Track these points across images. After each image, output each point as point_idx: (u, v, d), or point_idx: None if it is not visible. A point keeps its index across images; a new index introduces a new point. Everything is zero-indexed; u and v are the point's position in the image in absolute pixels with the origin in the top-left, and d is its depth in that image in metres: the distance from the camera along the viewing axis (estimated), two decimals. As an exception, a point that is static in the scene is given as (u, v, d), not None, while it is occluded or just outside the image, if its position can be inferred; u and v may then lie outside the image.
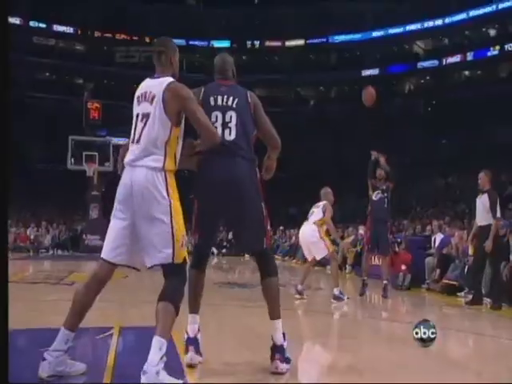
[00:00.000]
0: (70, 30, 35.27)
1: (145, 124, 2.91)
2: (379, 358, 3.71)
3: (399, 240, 10.18)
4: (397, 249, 9.72)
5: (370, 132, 26.86)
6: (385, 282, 7.56)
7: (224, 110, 3.21)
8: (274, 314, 3.23)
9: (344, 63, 36.15)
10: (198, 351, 3.16)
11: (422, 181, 25.74)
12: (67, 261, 10.86)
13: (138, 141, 2.91)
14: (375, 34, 35.14)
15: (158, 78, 3.02)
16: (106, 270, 2.98)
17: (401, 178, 27.71)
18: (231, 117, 3.20)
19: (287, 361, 3.13)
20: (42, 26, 34.42)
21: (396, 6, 32.88)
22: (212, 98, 3.25)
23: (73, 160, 19.28)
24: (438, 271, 8.72)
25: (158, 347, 2.65)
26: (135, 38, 36.08)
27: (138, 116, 2.97)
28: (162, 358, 2.65)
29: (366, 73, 35.79)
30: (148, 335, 3.95)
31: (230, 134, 3.17)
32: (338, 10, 34.32)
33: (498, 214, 6.68)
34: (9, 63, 2.01)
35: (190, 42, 36.94)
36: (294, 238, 17.91)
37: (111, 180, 12.20)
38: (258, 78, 36.23)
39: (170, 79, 2.98)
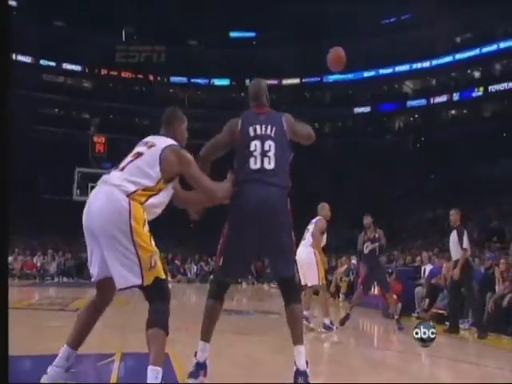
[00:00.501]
0: (77, 68, 35.79)
1: (135, 159, 2.94)
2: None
3: (390, 270, 10.16)
4: (388, 279, 9.69)
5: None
6: (396, 316, 7.46)
7: (263, 139, 3.22)
8: (298, 340, 3.16)
9: (337, 101, 36.66)
10: (205, 376, 3.16)
11: (412, 213, 25.80)
12: (72, 288, 10.77)
13: (122, 168, 2.93)
14: (366, 74, 35.76)
15: (163, 136, 3.09)
16: (101, 290, 3.00)
17: (392, 211, 27.89)
18: (270, 146, 3.20)
19: None
20: (52, 64, 34.93)
21: (386, 49, 33.54)
22: (251, 128, 3.27)
23: (78, 191, 19.37)
24: (427, 300, 8.70)
25: (153, 377, 2.63)
26: (140, 76, 36.61)
27: (132, 152, 3.03)
28: None
29: (358, 110, 36.27)
30: (145, 360, 3.93)
31: (269, 163, 3.17)
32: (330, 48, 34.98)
33: (465, 245, 6.96)
34: (9, 65, 1.98)
35: (192, 80, 37.52)
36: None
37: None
38: (255, 114, 36.70)
39: (175, 142, 3.04)
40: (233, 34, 37.72)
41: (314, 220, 7.30)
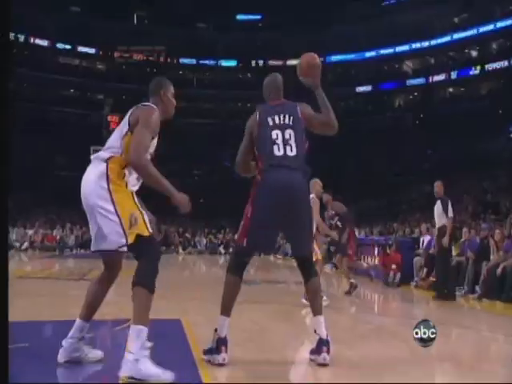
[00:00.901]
0: (92, 50, 35.53)
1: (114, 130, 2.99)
2: (373, 351, 3.69)
3: (390, 242, 10.16)
4: (388, 250, 9.70)
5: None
6: (351, 280, 7.45)
7: (283, 128, 3.24)
8: (317, 311, 3.22)
9: (339, 81, 36.22)
10: (227, 352, 3.08)
11: (412, 187, 25.69)
12: (89, 259, 10.88)
13: (105, 143, 2.98)
14: (368, 54, 35.22)
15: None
16: (107, 262, 3.00)
17: (393, 185, 27.79)
18: (290, 134, 3.22)
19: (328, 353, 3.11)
20: (68, 47, 34.69)
21: (387, 29, 32.94)
22: (270, 119, 3.27)
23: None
24: (425, 270, 8.71)
25: (134, 335, 2.54)
26: (151, 58, 36.30)
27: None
28: (143, 345, 2.53)
29: (360, 89, 35.85)
30: (161, 326, 3.95)
31: (291, 150, 3.19)
32: (334, 32, 34.39)
33: (451, 214, 7.19)
34: (8, 65, 1.95)
35: (200, 61, 37.14)
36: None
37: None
38: (261, 93, 36.34)
39: (148, 104, 2.98)
40: (239, 17, 37.17)
41: None
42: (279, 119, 3.27)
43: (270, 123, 3.27)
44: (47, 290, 6.85)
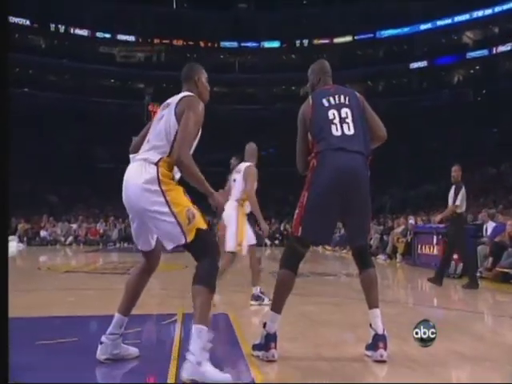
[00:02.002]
0: (131, 38, 36.24)
1: (156, 125, 2.95)
2: (434, 347, 3.61)
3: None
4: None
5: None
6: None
7: (339, 107, 3.18)
8: (374, 303, 3.17)
9: (391, 57, 35.30)
10: (276, 348, 3.07)
11: (474, 170, 24.81)
12: (132, 253, 11.22)
13: (148, 140, 2.96)
14: (423, 26, 34.08)
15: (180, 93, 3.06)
16: (147, 257, 3.07)
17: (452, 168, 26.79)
18: (347, 113, 3.16)
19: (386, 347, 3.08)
20: (107, 36, 35.56)
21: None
22: (325, 100, 3.22)
23: (135, 159, 19.90)
24: (490, 259, 8.41)
25: (196, 336, 2.58)
26: (191, 43, 36.62)
27: (154, 121, 3.02)
28: (204, 346, 2.56)
29: (414, 65, 34.82)
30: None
31: (349, 129, 3.12)
32: (385, 4, 33.47)
33: (458, 202, 7.24)
34: (7, 62, 1.95)
35: (242, 44, 37.13)
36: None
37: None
38: (307, 75, 35.96)
39: (188, 93, 3.01)
40: (281, -6, 36.83)
41: (241, 168, 5.66)
42: (334, 99, 3.21)
43: (326, 104, 3.20)
44: (93, 284, 7.11)
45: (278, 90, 37.47)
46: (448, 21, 33.25)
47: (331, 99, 3.21)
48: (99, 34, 35.26)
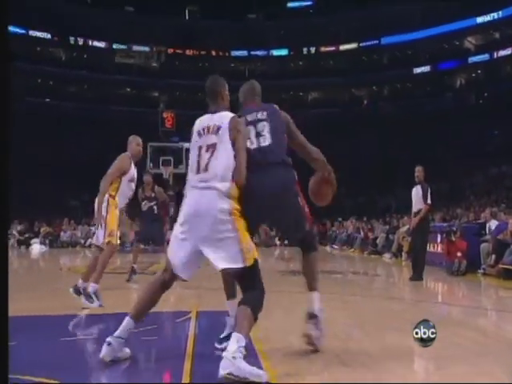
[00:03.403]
0: (146, 48, 36.47)
1: (212, 153, 2.93)
2: (438, 339, 3.59)
3: (454, 228, 9.78)
4: (452, 237, 9.34)
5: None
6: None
7: (256, 122, 3.24)
8: (312, 286, 3.23)
9: (396, 63, 35.16)
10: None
11: (476, 171, 24.60)
12: (148, 254, 11.26)
13: (205, 169, 2.93)
14: (425, 33, 33.89)
15: (217, 112, 3.06)
16: (172, 276, 3.02)
17: (455, 170, 26.71)
18: (264, 126, 3.22)
19: (320, 330, 3.13)
20: (123, 47, 35.83)
21: (445, 5, 31.54)
22: (248, 116, 3.27)
23: (151, 164, 19.95)
24: (493, 256, 8.33)
25: (235, 340, 2.58)
26: (203, 52, 36.77)
27: (201, 148, 2.98)
28: (239, 349, 2.56)
29: (418, 70, 34.65)
30: (223, 318, 4.02)
31: (264, 141, 3.18)
32: (388, 12, 33.35)
33: (429, 201, 7.39)
34: (8, 58, 1.92)
35: (252, 53, 37.22)
36: (350, 228, 17.68)
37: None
38: (314, 81, 35.95)
39: (231, 114, 3.04)
40: (290, 4, 36.86)
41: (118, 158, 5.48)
42: (252, 116, 3.26)
43: (248, 119, 3.25)
44: (111, 284, 7.14)
45: (286, 95, 37.50)
46: (450, 27, 33.03)
47: (249, 117, 3.25)
48: (116, 46, 35.55)
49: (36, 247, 17.09)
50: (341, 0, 33.49)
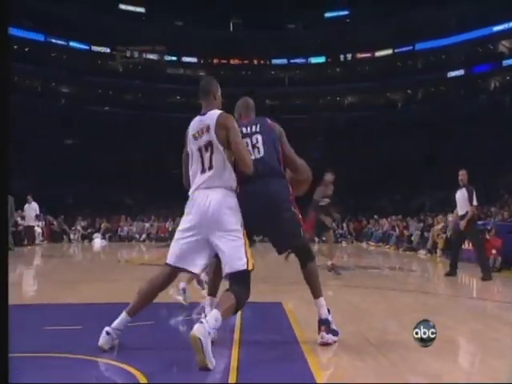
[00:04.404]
0: (194, 59, 37.06)
1: (211, 151, 2.91)
2: (474, 333, 3.47)
3: (489, 227, 9.42)
4: (487, 236, 9.00)
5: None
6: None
7: (250, 135, 3.22)
8: (317, 294, 3.16)
9: (430, 67, 34.17)
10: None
11: (510, 171, 23.56)
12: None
13: (210, 168, 2.90)
14: (459, 38, 32.74)
15: (207, 113, 3.02)
16: (172, 275, 2.98)
17: (489, 170, 25.69)
18: (257, 139, 3.20)
19: (334, 333, 3.07)
20: (174, 58, 36.51)
21: (479, 10, 30.36)
22: (243, 129, 3.25)
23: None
24: (528, 254, 7.98)
25: (214, 318, 2.55)
26: (245, 61, 36.97)
27: (200, 149, 2.94)
28: (215, 327, 2.54)
29: (452, 74, 33.55)
30: (265, 309, 4.04)
31: (259, 152, 3.17)
32: (423, 18, 32.42)
33: (475, 202, 7.26)
34: (8, 65, 1.86)
35: (291, 61, 37.14)
36: (386, 226, 17.34)
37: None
38: (350, 86, 35.45)
39: (219, 111, 3.00)
40: (328, 15, 36.54)
41: None
42: (247, 129, 3.23)
43: (243, 131, 3.22)
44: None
45: (323, 100, 37.19)
46: (484, 31, 31.78)
47: (244, 129, 3.22)
48: (167, 58, 36.32)
49: (97, 241, 17.67)
50: (376, 9, 32.91)
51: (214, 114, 2.98)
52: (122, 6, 35.11)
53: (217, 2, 32.69)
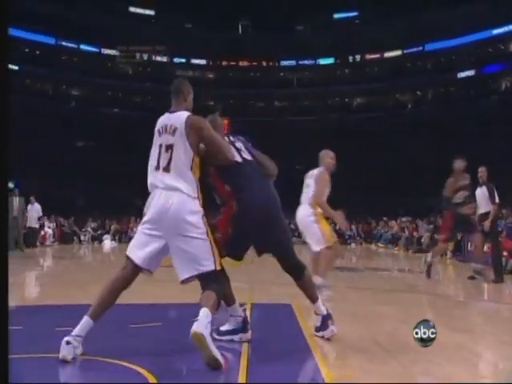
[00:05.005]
0: (203, 62, 37.18)
1: (171, 154, 2.83)
2: (485, 335, 3.44)
3: (500, 229, 9.32)
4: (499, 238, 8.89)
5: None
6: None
7: (231, 143, 3.15)
8: (314, 298, 3.21)
9: (439, 68, 33.94)
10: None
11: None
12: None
13: (166, 169, 2.83)
14: (469, 38, 32.49)
15: (175, 112, 2.96)
16: (135, 271, 2.90)
17: (499, 170, 25.49)
18: (240, 145, 3.17)
19: (324, 327, 3.16)
20: (183, 60, 36.66)
21: (489, 10, 30.11)
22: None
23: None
24: (541, 256, 7.88)
25: (205, 315, 2.59)
26: (254, 63, 37.02)
27: (161, 146, 2.88)
28: (208, 323, 2.57)
29: (462, 75, 33.29)
30: (274, 310, 4.04)
31: (247, 156, 3.15)
32: (433, 19, 32.23)
33: (497, 200, 6.95)
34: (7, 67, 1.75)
35: (300, 62, 37.11)
36: (395, 227, 17.26)
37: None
38: (359, 87, 35.34)
39: (187, 113, 2.93)
40: (336, 16, 36.46)
41: (313, 172, 5.50)
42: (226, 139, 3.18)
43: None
44: (170, 276, 7.31)
45: (332, 101, 37.09)
46: (494, 32, 31.52)
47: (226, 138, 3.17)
48: (176, 60, 36.45)
49: (107, 243, 17.78)
50: (385, 10, 32.78)
51: (182, 115, 2.90)
52: (132, 9, 35.39)
53: (225, 4, 32.79)
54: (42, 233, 15.60)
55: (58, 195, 21.10)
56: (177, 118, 2.89)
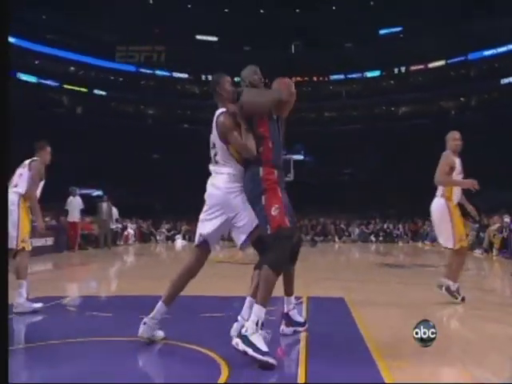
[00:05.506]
0: (208, 77, 37.39)
1: (215, 151, 2.95)
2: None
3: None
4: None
5: None
6: None
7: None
8: (291, 292, 3.19)
9: (483, 75, 32.02)
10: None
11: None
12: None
13: (215, 162, 2.95)
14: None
15: (218, 109, 2.96)
16: (201, 253, 3.10)
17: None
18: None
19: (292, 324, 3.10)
20: (185, 76, 36.29)
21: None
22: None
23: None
24: None
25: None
26: (306, 78, 36.66)
27: (210, 142, 2.99)
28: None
29: (505, 81, 31.20)
30: (328, 303, 3.97)
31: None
32: (475, 28, 30.49)
33: None
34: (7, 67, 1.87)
35: (348, 76, 36.52)
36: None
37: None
38: (405, 97, 34.15)
39: (219, 112, 2.90)
40: (381, 31, 35.57)
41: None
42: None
43: None
44: (231, 272, 7.40)
45: (379, 110, 36.11)
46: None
47: None
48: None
49: (179, 242, 18.33)
50: (427, 23, 31.46)
51: (216, 114, 2.91)
52: (198, 37, 36.54)
53: (280, 27, 33.02)
54: (126, 233, 16.34)
55: (138, 201, 22.10)
56: (215, 116, 2.92)
